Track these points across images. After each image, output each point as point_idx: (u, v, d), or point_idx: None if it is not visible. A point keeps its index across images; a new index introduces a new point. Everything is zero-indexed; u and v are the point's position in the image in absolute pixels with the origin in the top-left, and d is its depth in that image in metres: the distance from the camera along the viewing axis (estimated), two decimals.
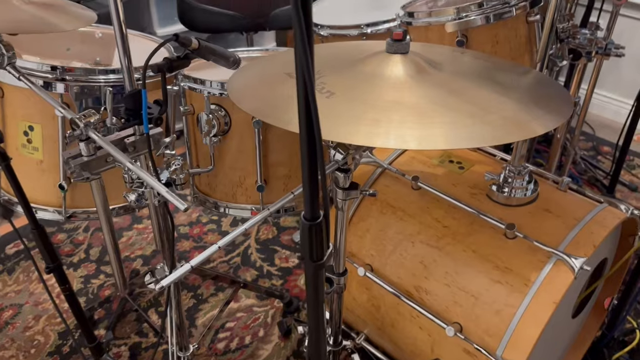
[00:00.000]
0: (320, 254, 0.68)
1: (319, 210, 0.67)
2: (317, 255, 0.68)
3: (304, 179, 0.64)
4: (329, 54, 1.12)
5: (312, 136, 0.59)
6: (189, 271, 0.91)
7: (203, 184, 1.41)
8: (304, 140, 0.60)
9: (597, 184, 2.35)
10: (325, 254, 0.69)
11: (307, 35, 0.52)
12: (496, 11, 1.27)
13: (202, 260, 0.91)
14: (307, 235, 0.67)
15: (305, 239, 0.67)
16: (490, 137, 0.80)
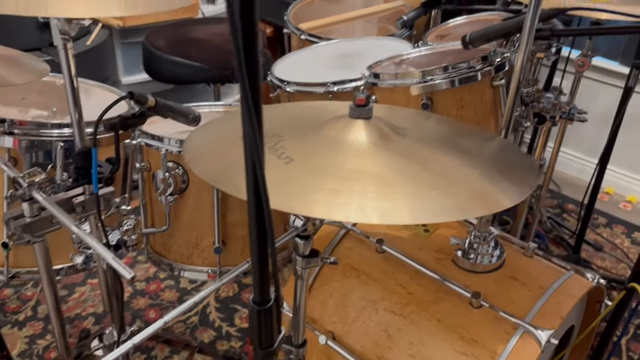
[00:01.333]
0: (270, 341, 0.63)
1: (270, 293, 0.62)
2: (266, 342, 0.63)
3: (253, 261, 0.59)
4: (292, 115, 1.09)
5: (261, 222, 0.54)
6: (131, 349, 0.84)
7: (158, 243, 1.34)
8: (253, 224, 0.55)
9: (563, 243, 2.35)
10: (276, 341, 0.64)
11: (254, 111, 0.48)
12: (461, 75, 1.27)
13: (146, 337, 0.84)
14: (256, 320, 0.61)
15: (254, 325, 0.62)
16: (455, 210, 0.77)
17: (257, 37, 0.46)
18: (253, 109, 0.46)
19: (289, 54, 1.86)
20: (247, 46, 0.45)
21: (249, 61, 0.45)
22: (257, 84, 0.47)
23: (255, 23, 0.45)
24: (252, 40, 0.45)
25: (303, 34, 2.03)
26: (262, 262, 0.58)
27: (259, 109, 0.48)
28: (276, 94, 1.69)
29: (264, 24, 2.61)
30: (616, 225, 2.60)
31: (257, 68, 0.46)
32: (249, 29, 0.44)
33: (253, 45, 0.45)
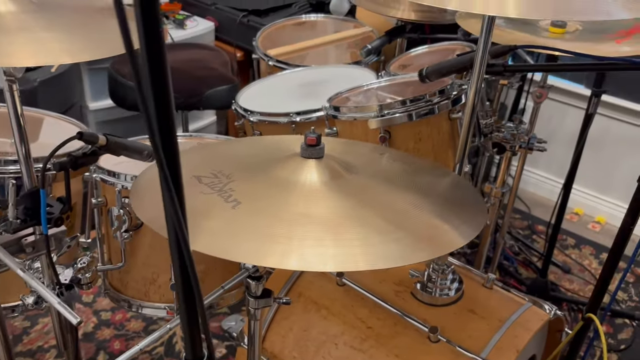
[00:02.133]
0: None
1: (202, 350, 0.61)
2: None
3: (182, 320, 0.58)
4: (245, 152, 1.09)
5: (188, 284, 0.53)
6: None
7: (115, 279, 1.32)
8: (179, 283, 0.55)
9: (531, 266, 2.37)
10: None
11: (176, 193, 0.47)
12: (419, 109, 1.28)
13: None
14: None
15: None
16: (398, 257, 0.77)
17: (174, 125, 0.46)
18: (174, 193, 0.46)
19: (254, 81, 1.86)
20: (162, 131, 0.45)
21: (166, 144, 0.45)
22: (177, 163, 0.47)
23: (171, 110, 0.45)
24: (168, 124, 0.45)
25: (271, 60, 2.04)
26: (192, 322, 0.57)
27: (179, 188, 0.47)
28: (241, 122, 1.69)
29: (234, 48, 2.62)
30: (585, 246, 2.63)
31: (174, 144, 0.46)
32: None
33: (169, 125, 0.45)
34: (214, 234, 0.79)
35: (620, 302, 2.29)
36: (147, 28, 0.44)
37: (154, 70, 0.45)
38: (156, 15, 0.42)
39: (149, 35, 0.44)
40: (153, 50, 0.45)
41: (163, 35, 0.47)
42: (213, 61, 2.17)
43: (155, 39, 0.44)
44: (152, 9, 0.43)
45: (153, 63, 0.45)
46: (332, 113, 1.38)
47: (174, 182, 0.47)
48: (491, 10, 0.76)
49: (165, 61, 0.46)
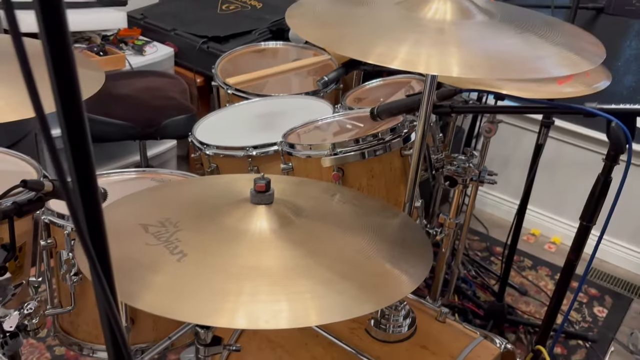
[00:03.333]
0: None
1: None
2: None
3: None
4: (194, 196, 1.08)
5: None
6: None
7: (65, 322, 1.29)
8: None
9: (489, 289, 2.41)
10: None
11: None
12: (371, 147, 1.30)
13: None
14: None
15: None
16: (341, 311, 0.77)
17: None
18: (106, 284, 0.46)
19: (212, 112, 1.86)
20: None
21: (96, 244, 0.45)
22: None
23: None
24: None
25: (230, 88, 2.04)
26: None
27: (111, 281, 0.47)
28: (197, 154, 1.69)
29: (194, 73, 2.61)
30: (541, 267, 2.69)
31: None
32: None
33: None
34: (159, 290, 0.78)
35: (574, 322, 2.35)
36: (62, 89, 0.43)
37: (73, 140, 0.45)
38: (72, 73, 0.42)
39: (64, 100, 0.43)
40: (72, 123, 0.44)
41: (78, 85, 0.45)
42: (171, 89, 2.16)
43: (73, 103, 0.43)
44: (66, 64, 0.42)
45: (71, 135, 0.44)
46: (287, 150, 1.39)
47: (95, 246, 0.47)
48: (433, 70, 0.79)
49: (83, 115, 0.45)
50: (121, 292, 0.78)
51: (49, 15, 0.40)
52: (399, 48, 0.83)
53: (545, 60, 0.84)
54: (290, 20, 0.95)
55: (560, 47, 0.93)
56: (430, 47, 0.84)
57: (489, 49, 0.86)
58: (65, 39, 0.41)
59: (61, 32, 0.41)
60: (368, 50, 0.82)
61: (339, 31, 0.90)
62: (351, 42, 0.86)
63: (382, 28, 0.89)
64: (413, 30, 0.88)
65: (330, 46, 0.86)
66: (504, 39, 0.89)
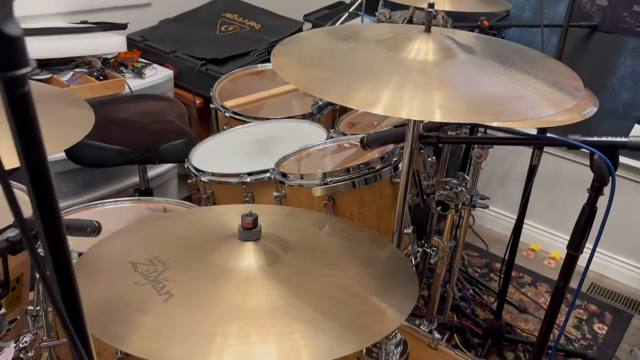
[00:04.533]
0: None
1: None
2: None
3: None
4: (184, 231, 1.10)
5: None
6: None
7: (62, 352, 1.31)
8: None
9: (487, 307, 2.41)
10: None
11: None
12: (361, 176, 1.32)
13: None
14: None
15: None
16: (325, 352, 0.79)
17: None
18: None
19: (208, 138, 1.88)
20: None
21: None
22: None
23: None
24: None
25: (227, 111, 2.07)
26: None
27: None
28: (194, 180, 1.71)
29: (193, 95, 2.64)
30: (540, 284, 2.69)
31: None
32: None
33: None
34: (147, 332, 0.80)
35: (574, 340, 2.34)
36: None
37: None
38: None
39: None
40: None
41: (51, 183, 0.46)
42: (170, 113, 2.19)
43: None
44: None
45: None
46: (279, 178, 1.41)
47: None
48: (415, 115, 0.80)
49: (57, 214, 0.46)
50: (110, 334, 0.80)
51: None
52: (381, 92, 0.84)
53: (526, 99, 0.86)
54: (275, 59, 0.97)
55: (541, 84, 0.95)
56: (413, 90, 0.86)
57: (470, 90, 0.88)
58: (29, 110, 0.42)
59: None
60: (349, 95, 0.84)
61: (321, 73, 0.92)
62: (333, 86, 0.88)
63: (364, 69, 0.91)
64: (395, 72, 0.90)
65: (313, 90, 0.87)
66: (485, 78, 0.91)
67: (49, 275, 0.48)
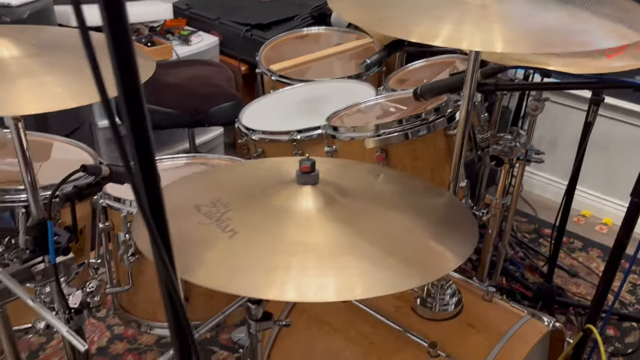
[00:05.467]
0: None
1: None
2: None
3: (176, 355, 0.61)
4: (243, 178, 1.12)
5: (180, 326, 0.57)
6: None
7: (124, 300, 1.36)
8: (172, 325, 0.58)
9: (537, 270, 2.38)
10: None
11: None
12: (415, 128, 1.30)
13: None
14: None
15: None
16: (387, 285, 0.79)
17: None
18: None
19: (258, 98, 1.89)
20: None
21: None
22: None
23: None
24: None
25: (274, 75, 2.08)
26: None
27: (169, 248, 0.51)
28: (244, 140, 1.73)
29: (239, 61, 2.66)
30: (592, 249, 2.63)
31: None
32: None
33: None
34: (212, 265, 0.82)
35: (628, 305, 2.29)
36: (122, 67, 0.46)
37: (132, 113, 0.48)
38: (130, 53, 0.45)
39: (125, 77, 0.46)
40: (130, 93, 0.47)
41: (138, 73, 0.48)
42: (217, 77, 2.21)
43: (131, 78, 0.46)
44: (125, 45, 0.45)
45: (131, 106, 0.47)
46: (330, 132, 1.41)
47: (157, 222, 0.51)
48: (476, 46, 0.79)
49: (143, 103, 0.48)
50: (178, 266, 0.82)
51: (111, 9, 0.43)
52: (441, 25, 0.83)
53: (591, 33, 0.83)
54: (332, 2, 0.97)
55: (607, 20, 0.91)
56: (473, 24, 0.84)
57: (533, 23, 0.85)
58: (126, 29, 0.44)
59: (122, 24, 0.44)
60: (410, 29, 0.83)
61: (380, 11, 0.91)
62: (393, 21, 0.87)
63: (423, 7, 0.90)
64: (453, 7, 0.88)
65: (373, 26, 0.87)
66: (548, 12, 0.88)
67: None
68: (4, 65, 0.86)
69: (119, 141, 0.45)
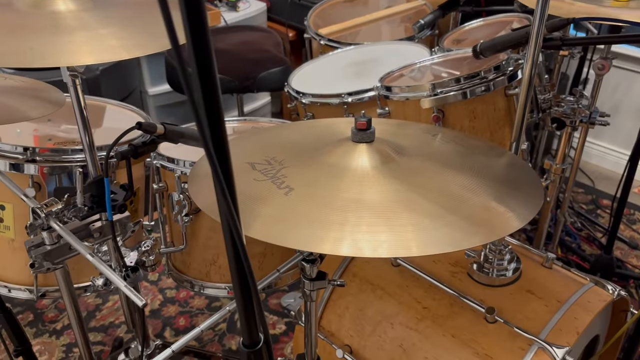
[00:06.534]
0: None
1: (259, 335, 0.63)
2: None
3: (238, 306, 0.60)
4: (297, 138, 1.10)
5: (242, 269, 0.56)
6: (169, 356, 0.88)
7: (178, 260, 1.38)
8: (234, 272, 0.57)
9: (595, 242, 2.29)
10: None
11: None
12: (473, 87, 1.25)
13: (184, 343, 0.88)
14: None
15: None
16: (450, 242, 0.76)
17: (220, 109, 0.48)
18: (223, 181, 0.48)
19: (306, 62, 1.86)
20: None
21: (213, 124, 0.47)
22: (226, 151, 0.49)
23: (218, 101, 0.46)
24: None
25: (322, 39, 2.04)
26: (247, 307, 0.59)
27: (230, 179, 0.49)
28: (293, 104, 1.71)
29: (286, 27, 2.62)
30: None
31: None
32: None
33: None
34: (269, 220, 0.81)
35: None
36: (192, 19, 0.44)
37: (201, 61, 0.46)
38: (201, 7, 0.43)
39: (194, 26, 0.45)
40: (199, 40, 0.46)
41: (208, 24, 0.47)
42: (265, 43, 2.19)
43: (200, 28, 0.45)
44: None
45: (199, 54, 0.46)
46: (384, 93, 1.37)
47: (223, 172, 0.49)
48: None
49: (211, 52, 0.46)
50: None
51: None
52: None
53: None
54: None
55: None
56: None
57: None
58: None
59: None
60: None
61: None
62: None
63: None
64: None
65: None
66: None
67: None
68: (61, 19, 0.86)
69: (187, 80, 0.43)
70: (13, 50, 0.77)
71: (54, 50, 0.80)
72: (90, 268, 1.31)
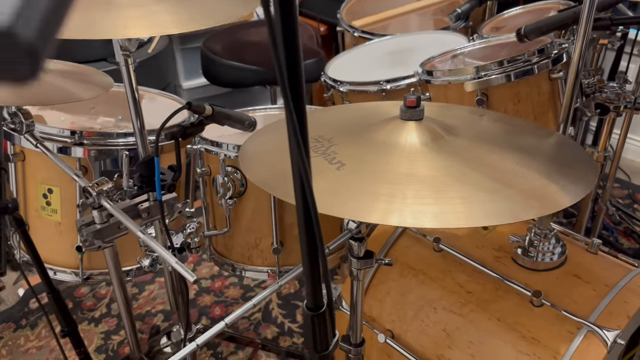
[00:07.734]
0: (325, 345, 0.65)
1: (322, 299, 0.63)
2: (321, 346, 0.65)
3: (305, 269, 0.61)
4: (343, 118, 1.10)
5: (311, 231, 0.56)
6: (197, 348, 0.89)
7: (220, 244, 1.39)
8: (303, 233, 0.57)
9: (633, 236, 2.25)
10: (330, 344, 0.66)
11: (300, 132, 0.50)
12: (517, 70, 1.24)
13: (209, 337, 0.88)
14: (310, 326, 0.63)
15: (308, 330, 0.64)
16: (510, 213, 0.76)
17: (300, 57, 0.48)
18: (299, 131, 0.48)
19: (342, 53, 1.87)
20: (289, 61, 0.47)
21: (292, 76, 0.47)
22: (301, 97, 0.49)
23: (297, 42, 0.47)
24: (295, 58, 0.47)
25: (356, 31, 2.04)
26: (314, 270, 0.60)
27: (304, 128, 0.49)
28: (330, 94, 1.71)
29: (318, 22, 2.63)
30: None
31: (300, 81, 0.48)
32: (291, 49, 0.46)
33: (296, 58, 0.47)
34: (321, 193, 0.81)
35: None
36: None
37: (287, 34, 0.47)
38: None
39: None
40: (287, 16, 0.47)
41: None
42: (299, 35, 2.19)
43: None
44: None
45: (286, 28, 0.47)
46: (425, 78, 1.37)
47: (301, 132, 0.49)
48: None
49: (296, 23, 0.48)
50: (286, 194, 0.82)
51: None
52: None
53: None
54: None
55: None
56: None
57: None
58: None
59: None
60: None
61: None
62: None
63: None
64: None
65: None
66: None
67: None
68: None
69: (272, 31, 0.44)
70: (73, 24, 0.79)
71: (109, 24, 0.82)
72: (130, 254, 1.33)
